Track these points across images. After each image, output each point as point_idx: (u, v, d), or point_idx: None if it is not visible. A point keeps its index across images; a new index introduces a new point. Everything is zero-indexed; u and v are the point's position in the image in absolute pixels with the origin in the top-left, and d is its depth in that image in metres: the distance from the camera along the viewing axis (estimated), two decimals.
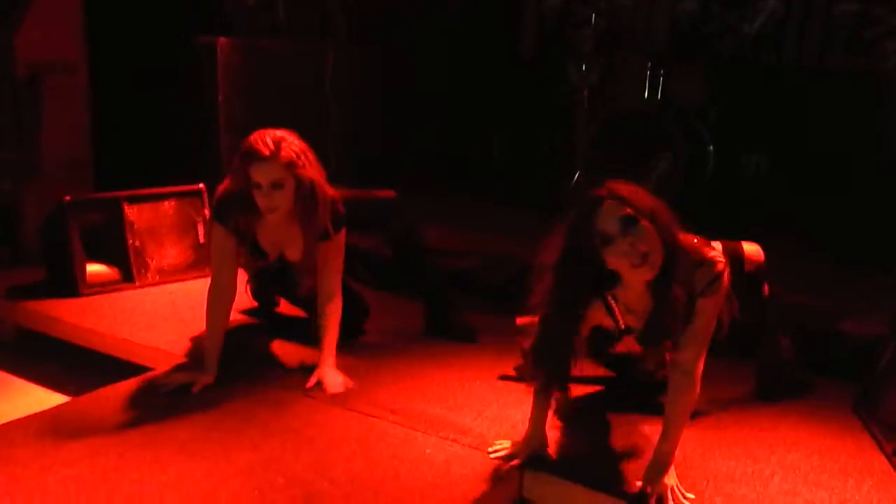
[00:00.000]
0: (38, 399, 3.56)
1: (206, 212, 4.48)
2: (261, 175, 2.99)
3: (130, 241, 4.38)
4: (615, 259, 2.38)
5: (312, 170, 3.09)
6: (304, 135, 3.14)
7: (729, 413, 3.10)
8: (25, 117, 4.91)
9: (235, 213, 3.14)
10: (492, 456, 2.73)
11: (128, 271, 4.37)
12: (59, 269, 4.23)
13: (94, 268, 4.28)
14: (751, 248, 3.01)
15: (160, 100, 5.37)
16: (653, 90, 5.53)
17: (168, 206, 4.55)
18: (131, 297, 4.22)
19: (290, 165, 3.01)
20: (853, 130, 5.43)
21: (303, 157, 3.05)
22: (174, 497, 2.41)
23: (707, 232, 2.66)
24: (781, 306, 3.25)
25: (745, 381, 3.30)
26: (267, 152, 2.97)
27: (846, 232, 5.07)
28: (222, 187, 3.17)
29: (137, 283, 4.36)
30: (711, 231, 2.71)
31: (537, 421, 2.72)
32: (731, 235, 2.96)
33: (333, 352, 3.25)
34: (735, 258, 2.85)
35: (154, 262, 4.46)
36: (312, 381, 3.16)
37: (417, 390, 3.21)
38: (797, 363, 3.29)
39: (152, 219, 4.48)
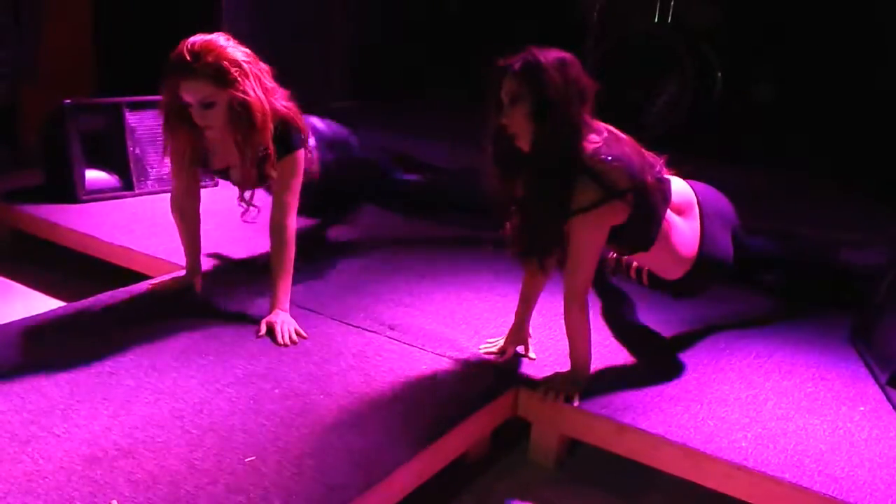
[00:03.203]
0: (36, 304, 3.57)
1: None
2: (187, 93, 2.66)
3: (131, 149, 4.33)
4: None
5: (250, 84, 2.68)
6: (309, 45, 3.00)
7: (724, 339, 3.11)
8: (26, 16, 4.81)
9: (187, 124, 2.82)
10: (482, 351, 2.87)
11: (127, 179, 4.33)
12: (58, 173, 4.19)
13: (93, 174, 4.25)
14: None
15: (165, 3, 5.26)
16: (663, 13, 5.44)
17: None
18: (130, 205, 4.20)
19: (218, 81, 2.63)
20: (865, 56, 5.33)
21: (236, 71, 2.65)
22: (169, 402, 2.42)
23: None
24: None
25: (739, 307, 3.29)
26: (189, 70, 2.60)
27: (854, 161, 5.03)
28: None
29: (137, 191, 4.34)
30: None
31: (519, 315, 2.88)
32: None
33: (285, 296, 2.94)
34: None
35: (154, 170, 4.42)
36: (263, 328, 2.89)
37: (416, 307, 3.22)
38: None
39: (154, 126, 4.41)
